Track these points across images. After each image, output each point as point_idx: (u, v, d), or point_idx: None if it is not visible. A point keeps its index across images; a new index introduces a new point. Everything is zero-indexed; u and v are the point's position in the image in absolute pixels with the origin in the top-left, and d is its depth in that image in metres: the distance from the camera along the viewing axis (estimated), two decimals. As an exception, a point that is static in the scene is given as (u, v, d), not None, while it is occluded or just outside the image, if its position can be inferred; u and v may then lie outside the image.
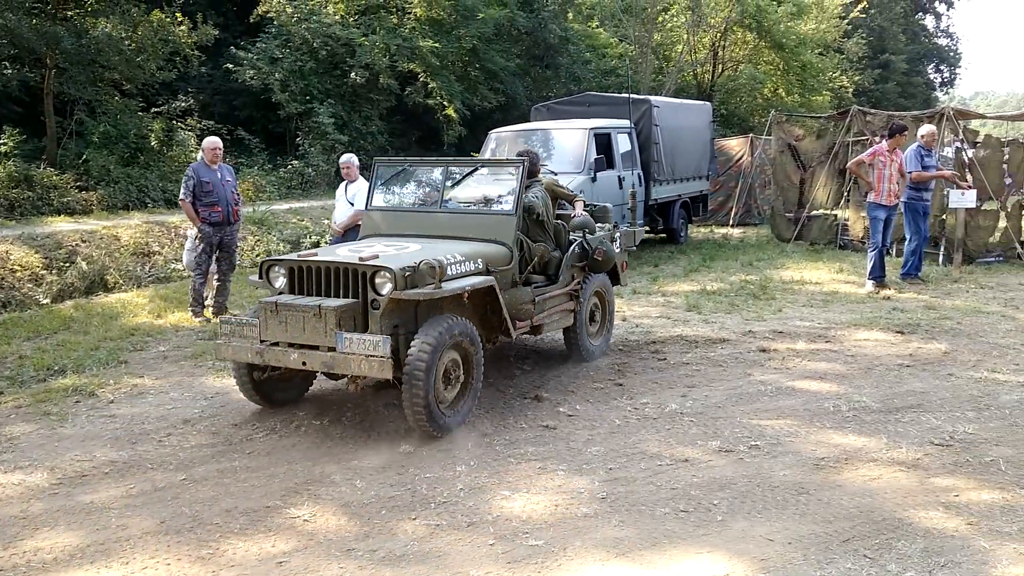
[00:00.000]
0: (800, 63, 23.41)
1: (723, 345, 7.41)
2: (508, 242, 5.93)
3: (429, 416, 4.94)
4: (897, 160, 9.88)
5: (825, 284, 10.40)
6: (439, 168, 6.46)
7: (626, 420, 5.47)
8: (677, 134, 13.86)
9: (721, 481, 4.45)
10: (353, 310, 5.03)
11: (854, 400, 5.79)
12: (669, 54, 25.32)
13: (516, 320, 5.88)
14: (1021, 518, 3.98)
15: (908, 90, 34.90)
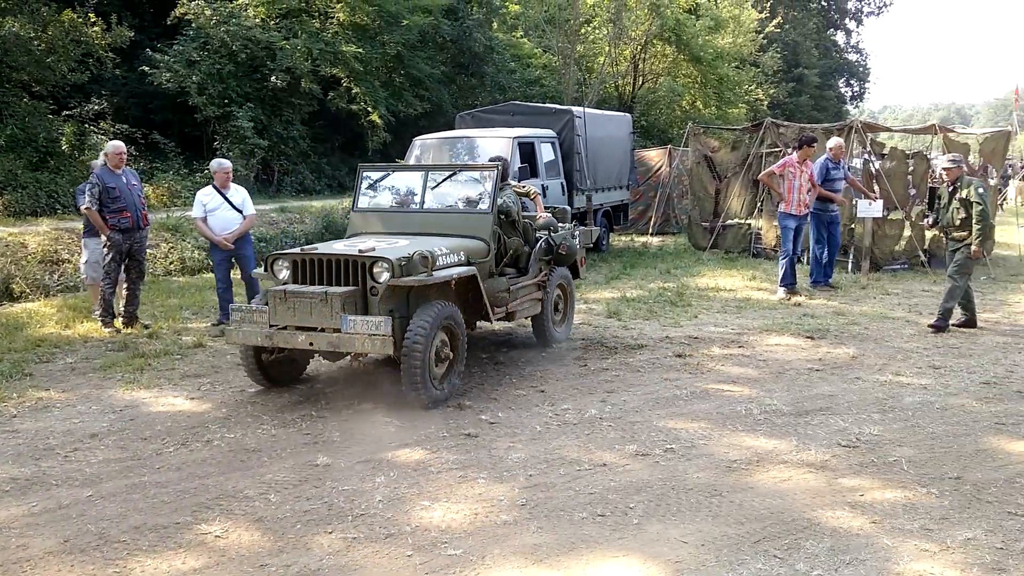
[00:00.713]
0: (717, 76, 24.01)
1: (641, 351, 7.54)
2: (486, 238, 6.70)
3: (425, 388, 5.69)
4: (807, 171, 10.24)
5: (739, 291, 10.68)
6: (420, 173, 7.22)
7: (547, 426, 5.51)
8: (599, 144, 14.06)
9: (638, 484, 4.52)
10: (355, 296, 5.71)
11: (765, 403, 5.96)
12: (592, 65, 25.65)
13: (494, 307, 6.62)
14: (922, 516, 4.14)
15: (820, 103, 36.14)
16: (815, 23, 39.11)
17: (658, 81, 25.63)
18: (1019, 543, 3.84)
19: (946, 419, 5.65)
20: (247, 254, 8.68)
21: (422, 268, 5.77)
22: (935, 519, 4.10)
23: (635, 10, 22.78)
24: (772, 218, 13.37)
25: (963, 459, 4.92)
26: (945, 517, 4.12)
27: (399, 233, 6.72)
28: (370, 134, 21.97)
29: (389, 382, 6.48)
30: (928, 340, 8.03)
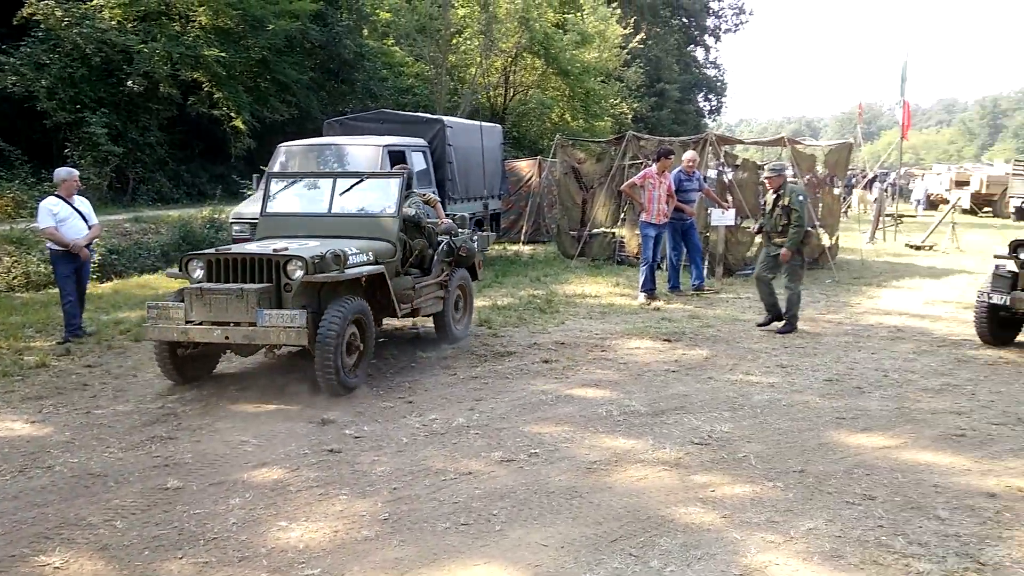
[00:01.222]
0: (584, 90, 24.61)
1: (510, 358, 7.62)
2: (392, 239, 7.24)
3: (338, 377, 6.14)
4: (666, 182, 10.65)
5: (604, 297, 10.98)
6: (328, 180, 7.68)
7: (414, 438, 5.48)
8: (470, 154, 14.14)
9: (502, 491, 4.57)
10: (269, 292, 6.16)
11: (625, 405, 6.15)
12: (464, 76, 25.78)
13: (400, 303, 7.08)
14: (768, 508, 4.37)
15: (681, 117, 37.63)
16: (676, 39, 40.72)
17: (528, 93, 26.02)
18: (856, 531, 4.10)
19: (791, 415, 5.99)
20: (87, 267, 8.33)
21: (334, 266, 6.26)
22: (780, 511, 4.33)
23: (505, 23, 23.06)
24: (634, 227, 13.80)
25: (806, 453, 5.22)
26: (789, 509, 4.36)
27: (308, 236, 7.07)
28: (233, 140, 21.29)
29: (247, 401, 6.31)
30: (776, 340, 8.49)
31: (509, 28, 23.23)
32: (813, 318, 9.75)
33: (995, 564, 3.76)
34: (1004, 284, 8.04)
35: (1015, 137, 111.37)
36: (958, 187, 31.82)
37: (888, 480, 4.74)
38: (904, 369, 7.35)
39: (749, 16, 45.90)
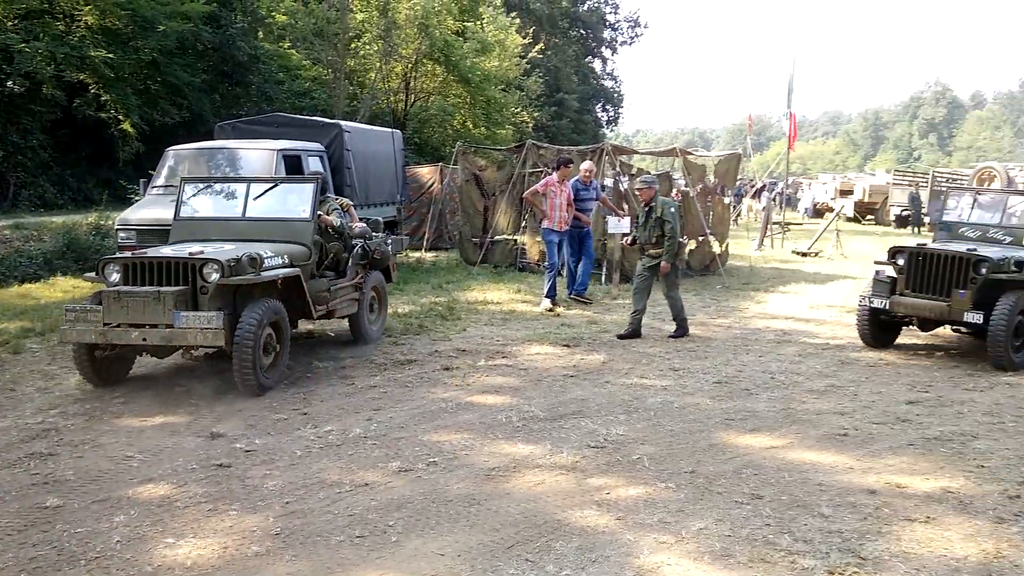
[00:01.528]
0: (485, 98, 24.71)
1: (410, 366, 7.56)
2: (307, 243, 7.37)
3: (256, 377, 6.32)
4: (567, 190, 10.82)
5: (505, 304, 11.03)
6: (243, 184, 7.77)
7: (308, 450, 5.36)
8: (369, 159, 13.97)
9: (399, 501, 4.52)
10: (185, 295, 6.28)
11: (524, 410, 6.19)
12: (363, 80, 25.50)
13: (315, 305, 7.27)
14: (660, 509, 4.46)
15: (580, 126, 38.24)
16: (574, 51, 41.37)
17: (430, 100, 25.95)
18: (744, 529, 4.23)
19: (683, 417, 6.15)
20: None
21: (250, 269, 6.43)
22: (672, 512, 4.43)
23: (404, 28, 22.94)
24: (536, 234, 13.94)
25: (697, 454, 5.36)
26: (681, 509, 4.47)
27: (224, 239, 7.17)
28: (121, 144, 20.43)
29: (133, 415, 6.06)
30: (669, 345, 8.71)
31: (409, 34, 23.11)
32: (704, 322, 10.05)
33: (875, 558, 3.94)
34: (884, 289, 8.47)
35: (895, 148, 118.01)
36: (842, 196, 33.46)
37: (775, 479, 4.92)
38: (790, 371, 7.65)
39: (644, 29, 47.02)
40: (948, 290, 8.03)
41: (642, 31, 46.60)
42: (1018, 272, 7.93)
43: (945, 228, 9.47)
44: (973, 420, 6.19)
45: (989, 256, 7.94)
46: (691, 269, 14.23)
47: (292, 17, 24.16)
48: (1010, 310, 7.68)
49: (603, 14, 45.02)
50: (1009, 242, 8.75)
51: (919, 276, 8.28)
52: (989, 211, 9.31)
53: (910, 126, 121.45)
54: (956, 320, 8.08)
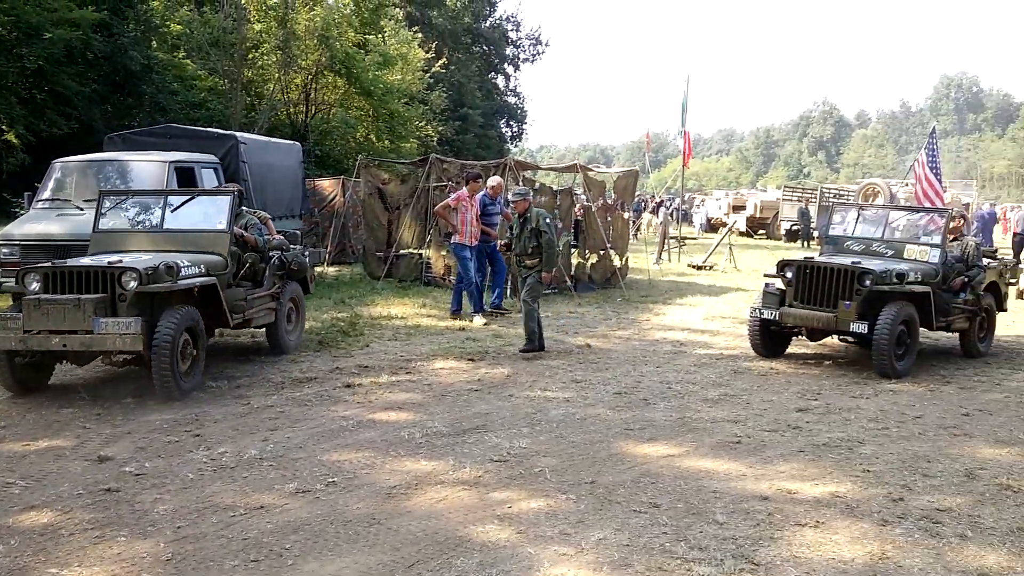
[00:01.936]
0: (388, 111, 24.56)
1: (310, 384, 7.41)
2: (223, 253, 7.62)
3: (174, 381, 6.56)
4: (476, 205, 10.84)
5: (410, 318, 10.95)
6: (161, 197, 8.06)
7: (201, 473, 5.17)
8: (266, 172, 13.66)
9: (296, 524, 4.40)
10: (105, 302, 6.51)
11: (427, 426, 6.14)
12: (262, 92, 24.96)
13: (232, 313, 7.48)
14: (561, 521, 4.49)
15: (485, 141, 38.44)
16: (477, 66, 41.61)
17: (331, 112, 25.61)
18: (642, 538, 4.30)
19: (585, 428, 6.22)
20: None
21: (167, 277, 6.69)
22: (572, 523, 4.46)
23: (304, 40, 22.59)
24: (441, 248, 13.93)
25: (598, 464, 5.43)
26: (581, 520, 4.51)
27: (142, 250, 7.46)
28: (5, 156, 19.38)
29: (14, 439, 5.73)
30: (572, 357, 8.82)
31: (309, 45, 22.77)
32: (605, 334, 10.23)
33: (767, 563, 4.06)
34: (773, 301, 8.79)
35: (785, 165, 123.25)
36: (735, 211, 34.70)
37: (672, 487, 5.03)
38: (686, 381, 7.85)
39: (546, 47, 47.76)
40: (835, 302, 8.37)
41: (544, 49, 47.30)
42: (899, 284, 8.34)
43: (831, 242, 9.87)
44: (859, 426, 6.47)
45: (872, 269, 8.31)
46: (593, 283, 14.47)
47: (187, 26, 23.49)
48: (892, 320, 8.05)
49: (505, 31, 45.45)
50: (891, 255, 9.17)
51: (807, 288, 8.60)
52: (872, 226, 9.76)
53: (800, 144, 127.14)
54: (843, 330, 8.42)
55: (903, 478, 5.29)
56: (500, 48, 45.29)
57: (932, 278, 8.80)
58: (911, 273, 8.57)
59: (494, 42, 44.42)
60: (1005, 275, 10.27)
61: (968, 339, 9.49)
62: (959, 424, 6.61)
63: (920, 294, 8.49)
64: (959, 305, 9.13)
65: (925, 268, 8.84)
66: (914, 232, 9.54)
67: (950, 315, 9.01)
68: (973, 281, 9.21)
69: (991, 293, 9.69)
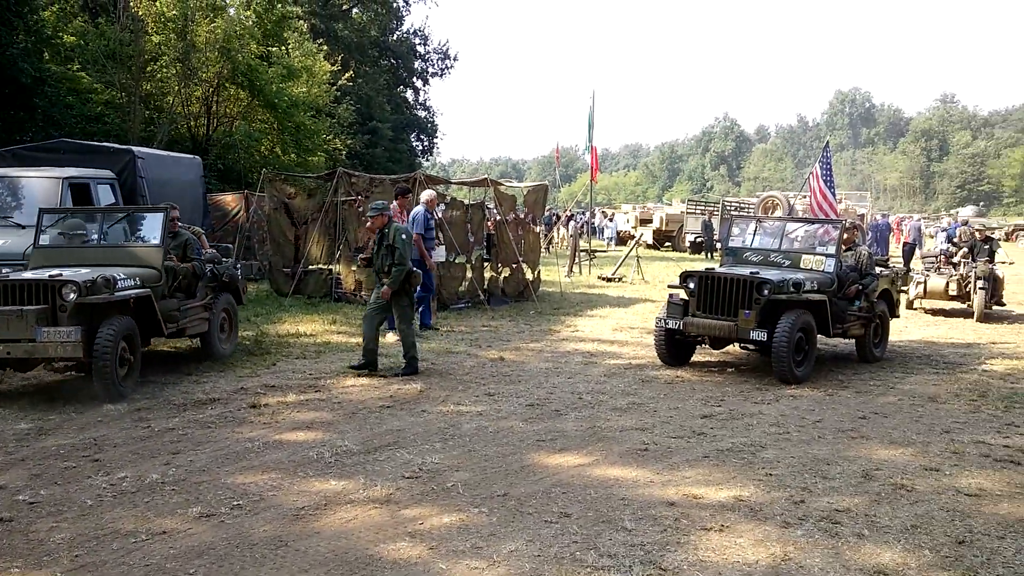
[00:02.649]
0: (294, 124, 24.14)
1: (213, 405, 7.20)
2: (158, 266, 8.16)
3: (114, 384, 7.09)
4: (408, 221, 10.71)
5: (320, 335, 10.77)
6: (99, 214, 8.70)
7: (100, 499, 4.97)
8: (165, 187, 13.28)
9: (200, 548, 4.27)
10: (46, 312, 7.05)
11: (337, 445, 6.05)
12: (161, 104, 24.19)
13: (167, 323, 8.01)
14: (473, 535, 4.49)
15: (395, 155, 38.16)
16: (386, 80, 41.35)
17: (234, 125, 25.02)
18: (553, 548, 4.33)
19: (497, 441, 6.24)
20: None
21: (105, 289, 7.23)
22: (484, 536, 4.47)
23: (205, 52, 22.03)
24: (351, 263, 13.77)
25: (510, 476, 5.46)
26: (493, 533, 4.52)
27: (81, 264, 7.90)
28: None
29: None
30: (485, 370, 8.84)
31: (210, 57, 22.21)
32: (518, 347, 10.29)
33: (675, 568, 4.14)
34: (677, 311, 9.02)
35: (689, 179, 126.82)
36: (642, 224, 35.50)
37: (582, 496, 5.09)
38: (596, 391, 7.97)
39: (455, 62, 47.80)
40: (735, 311, 8.64)
41: (453, 63, 47.30)
42: (796, 293, 8.65)
43: (731, 253, 10.19)
44: (761, 431, 6.69)
45: (770, 279, 8.59)
46: (506, 296, 14.55)
47: (82, 38, 22.59)
48: (790, 327, 8.34)
49: (413, 45, 45.33)
50: (788, 265, 9.50)
51: (709, 298, 8.83)
52: (770, 237, 10.11)
53: (703, 158, 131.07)
54: (744, 338, 8.68)
55: (803, 481, 5.48)
56: (408, 62, 45.14)
57: (828, 287, 9.14)
58: (807, 282, 8.87)
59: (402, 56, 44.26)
60: (897, 283, 10.70)
61: (863, 345, 9.85)
62: (856, 427, 6.90)
63: (817, 302, 8.81)
64: (854, 312, 9.49)
65: (821, 277, 9.17)
66: (810, 243, 9.90)
67: (846, 322, 9.36)
68: (867, 289, 9.64)
69: (884, 300, 10.15)
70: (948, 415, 7.36)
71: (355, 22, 39.97)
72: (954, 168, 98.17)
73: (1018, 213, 74.84)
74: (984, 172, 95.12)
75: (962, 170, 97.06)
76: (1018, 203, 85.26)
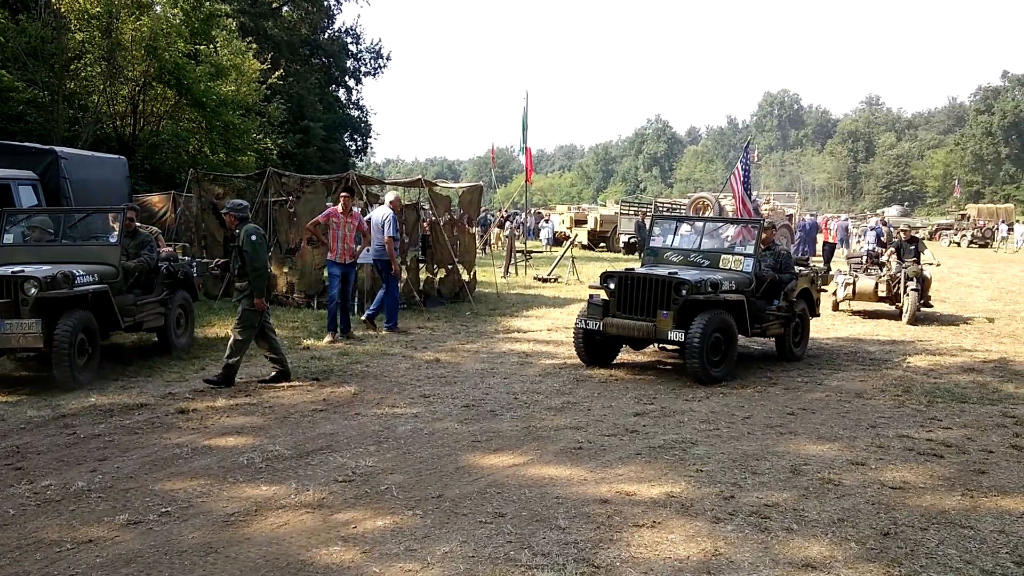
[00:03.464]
0: (223, 123, 23.61)
1: (140, 411, 7.03)
2: (115, 264, 8.68)
3: (72, 373, 7.60)
4: (353, 221, 10.58)
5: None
6: (61, 214, 9.26)
7: (23, 508, 4.82)
8: (90, 188, 12.88)
9: (127, 556, 4.18)
10: (9, 306, 7.58)
11: (268, 450, 5.97)
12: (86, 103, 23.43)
13: (123, 317, 8.50)
14: (407, 537, 4.48)
15: (328, 155, 37.57)
16: (317, 78, 40.72)
17: (161, 124, 24.38)
18: (487, 548, 4.36)
19: (433, 443, 6.24)
20: None
21: (64, 284, 7.75)
22: (418, 538, 4.47)
23: (131, 50, 21.41)
24: (282, 265, 13.58)
25: (445, 478, 5.46)
26: (427, 535, 4.52)
27: (41, 262, 8.32)
28: None
29: None
30: (421, 372, 8.82)
31: (136, 56, 21.59)
32: (454, 348, 10.29)
33: (607, 565, 4.20)
34: (597, 312, 8.96)
35: (623, 180, 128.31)
36: (578, 225, 35.77)
37: (517, 496, 5.13)
38: (532, 391, 8.02)
39: (388, 61, 47.38)
40: (654, 311, 8.59)
41: (386, 63, 46.82)
42: (713, 293, 8.64)
43: (651, 253, 10.13)
44: (692, 428, 6.82)
45: (688, 279, 8.55)
46: (442, 297, 14.52)
47: (2, 34, 21.75)
48: (704, 328, 8.25)
49: (345, 44, 44.75)
50: (707, 265, 9.48)
51: (628, 299, 8.79)
52: (690, 237, 10.18)
53: (636, 160, 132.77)
54: (662, 339, 8.65)
55: (733, 476, 5.61)
56: (340, 61, 44.56)
57: (746, 286, 9.16)
58: (725, 282, 8.88)
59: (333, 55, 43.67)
60: (816, 282, 10.81)
61: (784, 344, 9.94)
62: (785, 423, 7.08)
63: (734, 302, 8.81)
64: (773, 312, 9.56)
65: (739, 277, 9.17)
66: (729, 243, 9.99)
67: (765, 321, 9.41)
68: (785, 288, 9.79)
69: (804, 300, 10.29)
70: (874, 410, 7.61)
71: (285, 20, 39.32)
72: (880, 169, 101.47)
73: (941, 213, 77.72)
74: (908, 173, 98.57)
75: (887, 171, 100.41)
76: (940, 203, 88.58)
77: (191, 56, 23.25)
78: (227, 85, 24.60)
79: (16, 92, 23.19)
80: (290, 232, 13.99)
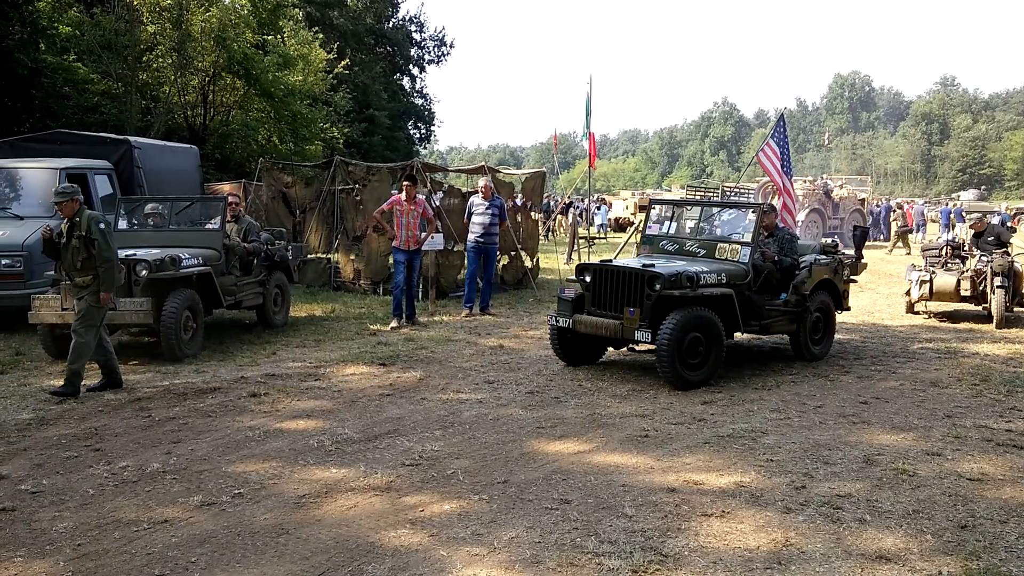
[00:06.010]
0: (291, 112, 24.02)
1: (213, 394, 7.21)
2: (217, 247, 9.46)
3: (179, 347, 8.39)
4: (417, 209, 10.68)
5: (319, 323, 10.77)
6: (168, 202, 10.15)
7: (101, 488, 4.98)
8: (163, 177, 13.25)
9: (201, 536, 4.29)
10: (123, 286, 8.07)
11: (337, 433, 6.06)
12: (157, 94, 24.10)
13: (225, 296, 9.27)
14: (474, 522, 4.50)
15: (393, 143, 37.92)
16: (382, 67, 41.04)
17: (231, 114, 24.93)
18: (553, 535, 4.34)
19: (497, 428, 6.25)
20: None
21: (171, 267, 8.47)
22: (485, 523, 4.48)
23: (200, 41, 21.92)
24: (349, 252, 13.77)
25: (510, 464, 5.46)
26: (493, 520, 4.53)
27: (151, 246, 9.10)
28: None
29: None
30: (485, 358, 8.84)
31: (205, 46, 22.10)
32: (517, 335, 10.30)
33: (675, 555, 4.14)
34: (567, 307, 8.07)
35: (689, 165, 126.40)
36: (641, 211, 35.37)
37: (582, 483, 5.10)
38: (596, 378, 7.96)
39: (452, 48, 47.47)
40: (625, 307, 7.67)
41: (449, 50, 46.96)
42: (690, 288, 7.63)
43: (647, 242, 9.22)
44: (762, 417, 6.69)
45: (661, 272, 7.60)
46: (505, 283, 14.54)
47: (77, 28, 22.48)
48: (674, 327, 7.31)
49: (409, 32, 44.99)
50: (703, 255, 8.53)
51: (602, 293, 7.92)
52: (688, 224, 9.27)
53: (702, 144, 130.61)
54: (628, 338, 7.67)
55: (804, 466, 5.48)
56: (404, 49, 44.83)
57: (741, 279, 8.17)
58: (712, 275, 7.89)
59: (398, 43, 43.95)
60: (841, 272, 9.32)
61: (798, 342, 8.86)
62: (857, 412, 6.89)
63: (720, 297, 7.85)
64: (777, 307, 8.57)
65: (732, 268, 8.19)
66: (730, 230, 8.95)
67: (765, 317, 8.40)
68: (794, 281, 8.72)
69: (825, 292, 9.06)
70: (950, 400, 7.36)
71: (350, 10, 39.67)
72: (955, 152, 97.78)
73: (1020, 197, 74.73)
74: (985, 156, 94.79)
75: (963, 153, 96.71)
76: (1019, 187, 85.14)
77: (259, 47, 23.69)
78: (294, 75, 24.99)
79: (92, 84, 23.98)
80: (356, 220, 14.17)
